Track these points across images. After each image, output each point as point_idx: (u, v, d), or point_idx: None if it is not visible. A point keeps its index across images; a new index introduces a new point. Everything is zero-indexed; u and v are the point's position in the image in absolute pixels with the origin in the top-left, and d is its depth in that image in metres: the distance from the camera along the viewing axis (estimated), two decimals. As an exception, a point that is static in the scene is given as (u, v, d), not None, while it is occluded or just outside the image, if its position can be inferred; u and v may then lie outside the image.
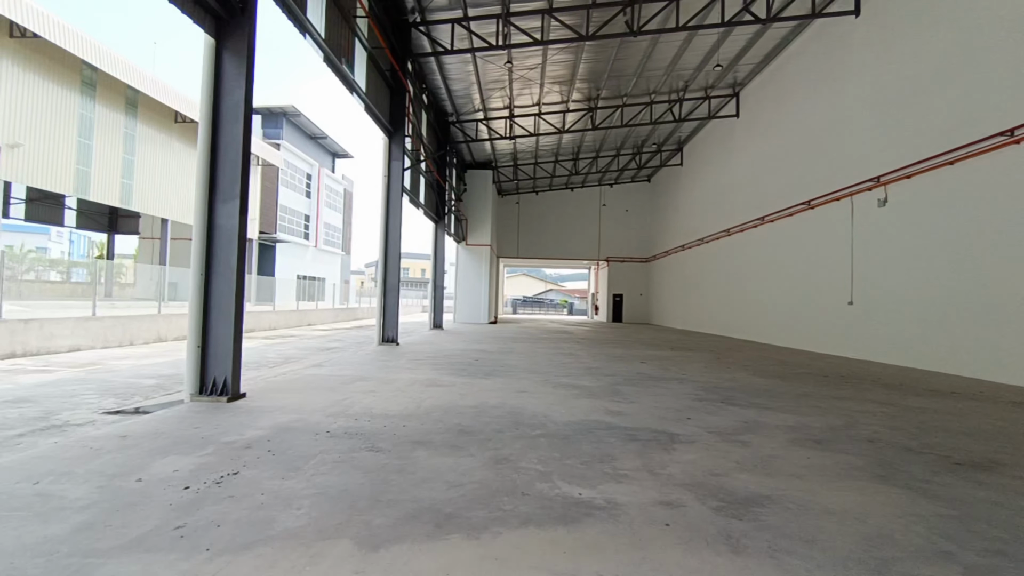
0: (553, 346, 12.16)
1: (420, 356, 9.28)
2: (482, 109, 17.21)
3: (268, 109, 31.96)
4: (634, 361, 9.30)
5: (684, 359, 9.87)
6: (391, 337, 11.19)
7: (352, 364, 7.92)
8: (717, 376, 7.52)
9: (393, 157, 11.32)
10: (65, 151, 17.38)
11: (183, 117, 22.27)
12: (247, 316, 16.83)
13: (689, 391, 6.13)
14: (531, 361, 8.88)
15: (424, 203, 15.60)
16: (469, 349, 10.82)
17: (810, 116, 13.26)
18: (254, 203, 28.72)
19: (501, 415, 4.58)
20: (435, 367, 7.76)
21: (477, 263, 24.01)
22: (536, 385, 6.27)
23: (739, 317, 16.89)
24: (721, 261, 18.67)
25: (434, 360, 8.69)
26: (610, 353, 10.73)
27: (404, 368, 7.56)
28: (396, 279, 11.27)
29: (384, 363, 8.12)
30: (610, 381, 6.76)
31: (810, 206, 12.93)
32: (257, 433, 3.76)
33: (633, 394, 5.82)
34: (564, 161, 24.37)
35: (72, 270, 35.11)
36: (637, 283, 29.86)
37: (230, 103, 5.04)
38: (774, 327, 14.48)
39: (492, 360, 8.87)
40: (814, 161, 12.96)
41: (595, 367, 8.25)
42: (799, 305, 13.27)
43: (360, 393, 5.43)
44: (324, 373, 6.83)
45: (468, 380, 6.52)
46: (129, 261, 35.10)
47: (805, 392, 6.27)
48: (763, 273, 15.35)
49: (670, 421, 4.52)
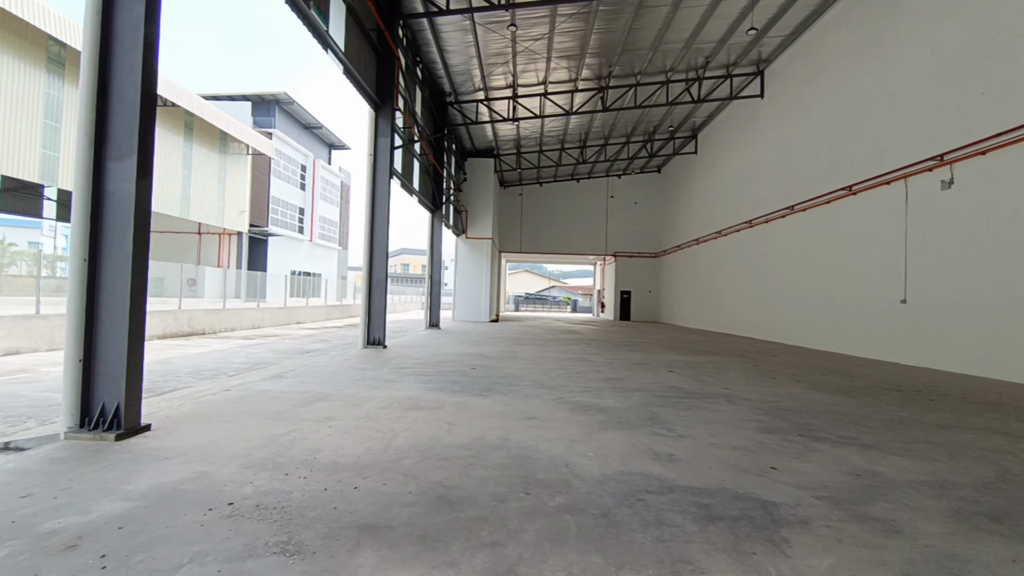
0: (562, 349, 10.75)
1: (407, 363, 7.87)
2: (483, 88, 15.76)
3: (259, 96, 30.51)
4: (659, 369, 7.88)
5: (716, 366, 8.45)
6: (377, 339, 9.79)
7: (321, 374, 6.52)
8: (769, 391, 6.10)
9: (380, 133, 9.89)
10: (29, 134, 15.99)
11: (164, 101, 20.84)
12: (225, 315, 15.48)
13: (748, 416, 4.71)
14: (538, 369, 7.47)
15: (419, 190, 14.18)
16: (466, 353, 9.42)
17: (851, 91, 11.76)
18: (243, 194, 27.33)
19: (503, 464, 3.16)
20: (422, 379, 6.36)
21: (477, 257, 22.60)
22: (549, 407, 4.85)
23: (764, 317, 15.44)
24: (742, 255, 17.21)
25: (423, 368, 7.28)
26: (628, 358, 9.31)
27: (384, 380, 6.16)
28: (383, 273, 9.87)
29: (362, 373, 6.72)
30: (641, 400, 5.35)
31: (852, 191, 11.46)
32: (114, 509, 2.36)
33: (677, 421, 4.41)
34: (571, 149, 22.90)
35: (19, 263, 33.76)
36: (646, 279, 28.40)
37: (127, 21, 3.61)
38: (806, 328, 13.03)
39: (492, 368, 7.46)
40: (856, 141, 11.48)
41: (616, 378, 6.84)
42: (837, 304, 11.82)
43: (313, 422, 4.03)
44: (280, 389, 5.43)
45: (460, 399, 5.11)
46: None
47: (896, 418, 4.84)
48: (792, 268, 13.89)
49: (750, 473, 3.11)
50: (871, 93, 11.09)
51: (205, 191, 24.33)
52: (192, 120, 23.07)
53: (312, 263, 36.72)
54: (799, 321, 13.40)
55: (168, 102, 20.94)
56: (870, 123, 11.07)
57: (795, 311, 13.64)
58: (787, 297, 14.12)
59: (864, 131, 11.25)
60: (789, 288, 14.02)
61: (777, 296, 14.68)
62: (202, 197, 24.15)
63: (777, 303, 14.66)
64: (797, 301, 13.58)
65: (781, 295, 14.45)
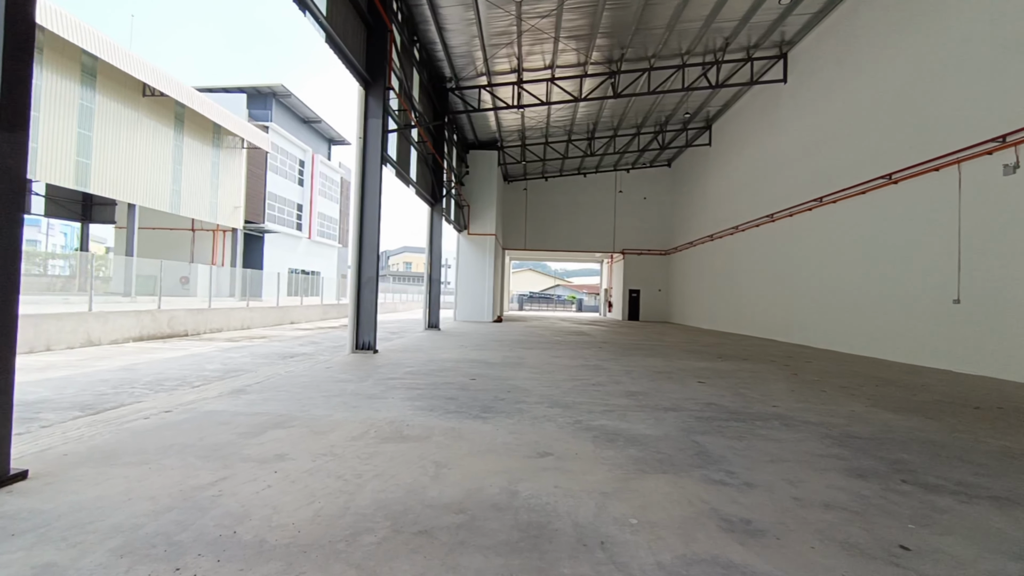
0: (572, 354, 9.73)
1: (398, 372, 6.88)
2: (486, 73, 14.73)
3: (255, 89, 29.57)
4: (687, 379, 6.85)
5: (749, 375, 7.42)
6: (367, 343, 8.80)
7: (292, 388, 5.53)
8: (826, 410, 5.07)
9: (371, 113, 8.89)
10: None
11: (152, 90, 19.94)
12: (211, 315, 14.53)
13: (819, 448, 3.69)
14: (548, 380, 6.46)
15: (416, 180, 13.17)
16: (466, 359, 8.42)
17: (890, 70, 10.68)
18: (238, 190, 26.43)
19: (509, 543, 2.16)
20: (412, 393, 5.36)
21: (480, 254, 21.60)
22: (566, 437, 3.84)
23: (787, 318, 14.37)
24: (762, 252, 16.13)
25: (414, 379, 6.29)
26: (648, 365, 8.29)
27: (365, 397, 5.16)
28: (374, 269, 8.87)
29: (341, 386, 5.73)
30: (678, 423, 4.33)
31: (892, 180, 10.39)
32: None
33: (735, 459, 3.39)
34: (578, 140, 21.84)
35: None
36: (656, 278, 27.34)
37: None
38: (837, 330, 11.95)
39: (494, 379, 6.45)
40: (896, 125, 10.40)
41: (640, 391, 5.82)
42: (875, 304, 10.75)
43: (255, 464, 3.03)
44: (233, 409, 4.44)
45: (455, 424, 4.11)
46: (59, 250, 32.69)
47: (1003, 450, 3.81)
48: (820, 265, 12.82)
49: (877, 560, 2.09)
50: (915, 70, 10.01)
51: (197, 186, 23.43)
52: (183, 112, 22.17)
53: (311, 261, 35.82)
54: (828, 323, 12.32)
55: (156, 92, 20.04)
56: (914, 104, 9.99)
57: (824, 312, 12.56)
58: (814, 296, 13.04)
59: (907, 113, 10.18)
60: (816, 287, 12.95)
61: (802, 295, 13.60)
62: (194, 192, 23.24)
63: (802, 303, 13.59)
64: (826, 301, 12.51)
65: (807, 294, 13.37)
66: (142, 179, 19.98)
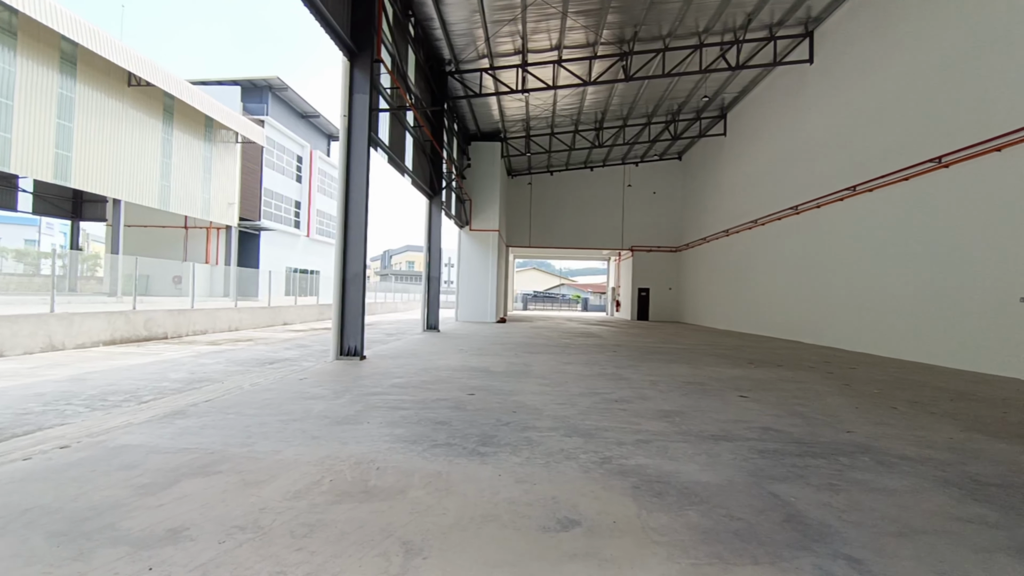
0: (584, 359, 8.67)
1: (382, 385, 5.84)
2: (488, 55, 13.67)
3: (250, 81, 28.59)
4: (724, 392, 5.78)
5: (796, 386, 6.34)
6: (353, 348, 7.77)
7: (243, 409, 4.50)
8: (913, 436, 3.99)
9: (357, 89, 7.86)
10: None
11: (138, 80, 18.99)
12: (194, 316, 13.55)
13: (953, 507, 2.62)
14: (561, 394, 5.41)
15: (412, 170, 12.12)
16: (465, 367, 7.38)
17: (938, 40, 9.56)
18: (232, 186, 25.49)
19: None
20: (393, 416, 4.32)
21: (483, 251, 20.54)
22: (594, 488, 2.78)
23: (815, 317, 13.24)
24: (785, 246, 15.01)
25: (401, 394, 5.25)
26: (673, 373, 7.22)
27: (333, 422, 4.13)
28: (361, 264, 7.84)
29: (307, 406, 4.69)
30: (739, 462, 3.27)
31: (942, 164, 9.27)
32: None
33: (843, 529, 2.32)
34: (585, 131, 20.75)
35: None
36: (666, 276, 26.22)
37: None
38: (875, 332, 10.83)
39: (497, 394, 5.40)
40: (947, 102, 9.29)
41: (675, 410, 4.76)
42: (922, 302, 9.63)
43: (120, 557, 1.99)
44: (152, 443, 3.41)
45: (442, 467, 3.06)
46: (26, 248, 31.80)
47: None
48: (855, 260, 11.69)
49: None
50: (969, 39, 8.89)
51: (188, 181, 22.48)
52: (172, 103, 21.21)
53: (309, 260, 34.86)
54: (863, 324, 11.20)
55: (143, 81, 19.09)
56: (968, 77, 8.87)
57: (857, 312, 11.44)
58: (846, 295, 11.92)
59: (959, 88, 9.05)
60: (849, 284, 11.82)
61: (832, 294, 12.48)
62: (185, 188, 22.29)
63: (832, 302, 12.46)
64: (860, 300, 11.39)
65: (837, 293, 12.25)
66: (128, 173, 19.03)
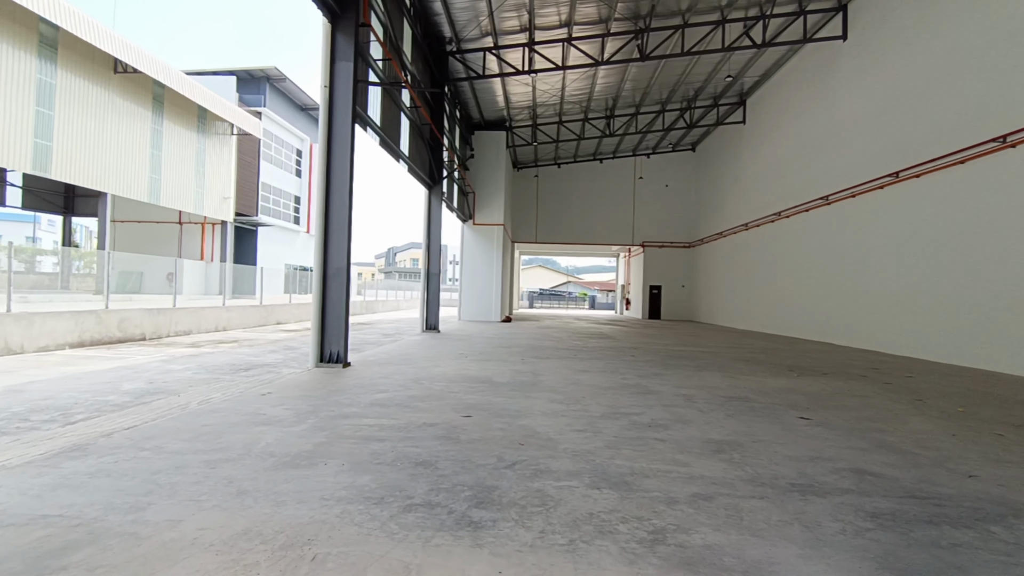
0: (602, 366, 7.61)
1: (358, 403, 4.81)
2: (491, 32, 12.59)
3: (247, 72, 27.62)
4: (782, 413, 4.70)
5: (861, 403, 5.25)
6: (335, 354, 6.76)
7: (167, 444, 3.48)
8: (1077, 489, 2.91)
9: (339, 55, 6.83)
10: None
11: (124, 66, 18.06)
12: (176, 316, 12.61)
13: None
14: (580, 418, 4.36)
15: (409, 156, 11.09)
16: (463, 377, 6.34)
17: (999, 5, 8.40)
18: (227, 180, 24.58)
19: None
20: (361, 453, 3.28)
21: (487, 247, 19.50)
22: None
23: (849, 317, 12.08)
24: (813, 240, 13.85)
25: (377, 420, 4.22)
26: (708, 385, 6.15)
27: (275, 466, 3.10)
28: (343, 259, 6.83)
29: (253, 437, 3.67)
30: (853, 540, 2.20)
31: (1007, 143, 8.12)
32: None
33: None
34: (595, 119, 19.62)
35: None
36: (679, 273, 25.08)
37: None
38: (926, 334, 9.67)
39: (499, 417, 4.36)
40: (1013, 73, 8.13)
41: (728, 440, 3.70)
42: (984, 301, 8.48)
43: None
44: (5, 506, 2.39)
45: (411, 556, 2.01)
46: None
47: None
48: (900, 254, 10.54)
49: None
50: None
51: (180, 175, 21.56)
52: (162, 92, 20.28)
53: (310, 256, 33.94)
54: (909, 324, 10.05)
55: (129, 68, 18.15)
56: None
57: (902, 311, 10.29)
58: (888, 293, 10.77)
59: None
60: (891, 281, 10.67)
61: (870, 291, 11.33)
62: (176, 181, 21.38)
63: (870, 300, 11.31)
64: (905, 298, 10.24)
65: (877, 290, 11.10)
66: (115, 165, 18.12)
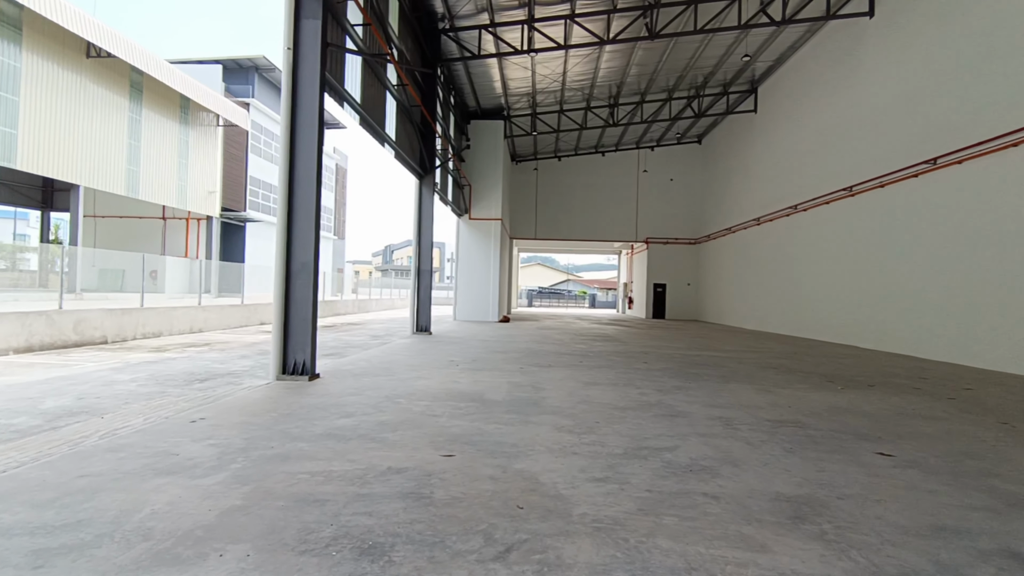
0: (613, 377, 6.59)
1: (309, 434, 3.78)
2: (488, 8, 11.55)
3: (234, 61, 26.51)
4: (851, 445, 3.70)
5: (936, 428, 4.25)
6: (300, 364, 5.73)
7: (17, 503, 2.45)
8: None
9: (305, 12, 5.79)
10: None
11: (98, 50, 16.97)
12: (144, 316, 11.55)
13: None
14: (598, 460, 3.34)
15: (396, 140, 10.05)
16: (451, 392, 5.32)
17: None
18: (213, 173, 23.50)
19: None
20: (287, 525, 2.26)
21: (484, 243, 18.47)
22: None
23: (878, 318, 11.07)
24: (835, 236, 12.84)
25: (325, 465, 3.19)
26: (745, 403, 5.13)
27: (136, 569, 2.07)
28: (310, 252, 5.79)
29: (141, 497, 2.65)
30: None
31: (1076, 122, 7.11)
32: None
33: None
34: (598, 107, 18.58)
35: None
36: (684, 270, 24.08)
37: None
38: (974, 338, 8.66)
39: (490, 461, 3.35)
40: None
41: (804, 499, 2.69)
42: (1043, 301, 7.49)
43: None
44: None
45: None
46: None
47: None
48: (936, 249, 9.53)
49: None
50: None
51: (161, 167, 20.46)
52: (141, 79, 19.17)
53: (302, 254, 32.83)
54: (952, 328, 9.03)
55: (103, 52, 17.05)
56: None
57: (945, 313, 9.28)
58: (922, 293, 9.77)
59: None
60: (925, 279, 9.67)
61: (904, 290, 10.32)
62: (157, 174, 20.28)
63: (905, 300, 10.30)
64: (945, 299, 9.24)
65: (912, 289, 10.09)
66: (88, 156, 17.03)
